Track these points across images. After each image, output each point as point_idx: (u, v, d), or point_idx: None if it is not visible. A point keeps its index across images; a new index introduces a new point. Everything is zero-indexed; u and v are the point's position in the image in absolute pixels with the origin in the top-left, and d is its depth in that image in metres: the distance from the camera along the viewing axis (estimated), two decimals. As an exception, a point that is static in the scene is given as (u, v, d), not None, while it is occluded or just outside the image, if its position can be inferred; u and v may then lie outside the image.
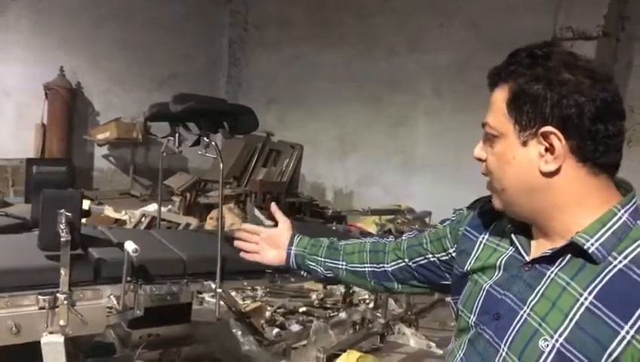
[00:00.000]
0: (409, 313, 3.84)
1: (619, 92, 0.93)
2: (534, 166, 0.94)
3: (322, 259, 1.43)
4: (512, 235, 1.05)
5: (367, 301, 4.20)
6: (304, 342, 3.37)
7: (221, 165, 2.14)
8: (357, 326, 3.61)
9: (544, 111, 0.91)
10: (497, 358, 0.98)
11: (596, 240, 0.91)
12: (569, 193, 0.94)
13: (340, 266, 1.41)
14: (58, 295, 1.85)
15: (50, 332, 1.86)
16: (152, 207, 5.97)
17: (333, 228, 3.90)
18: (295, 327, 3.76)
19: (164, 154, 2.69)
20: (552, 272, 0.95)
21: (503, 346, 0.98)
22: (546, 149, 0.93)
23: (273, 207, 1.55)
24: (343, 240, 1.46)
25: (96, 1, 7.91)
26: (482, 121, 1.01)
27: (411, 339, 3.70)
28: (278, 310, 4.13)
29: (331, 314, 4.08)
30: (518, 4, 5.28)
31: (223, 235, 2.21)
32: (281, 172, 7.99)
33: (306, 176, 8.10)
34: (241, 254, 1.54)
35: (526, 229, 1.04)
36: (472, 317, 1.07)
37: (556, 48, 0.96)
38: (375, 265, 1.36)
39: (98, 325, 1.97)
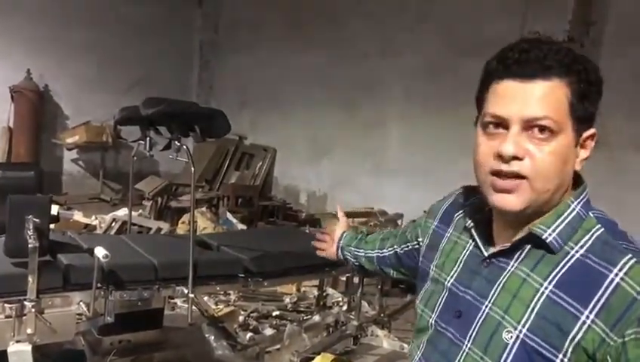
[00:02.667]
0: (382, 315, 3.86)
1: None
2: (574, 165, 0.96)
3: (353, 248, 1.53)
4: (472, 230, 1.06)
5: (341, 303, 4.21)
6: (278, 346, 3.35)
7: (192, 169, 2.13)
8: (330, 329, 3.61)
9: (594, 116, 0.94)
10: (461, 355, 0.99)
11: (553, 231, 0.94)
12: (566, 184, 0.96)
13: (361, 253, 1.50)
14: (25, 303, 1.82)
15: (18, 341, 1.82)
16: (123, 212, 5.88)
17: (307, 230, 3.90)
18: (268, 331, 3.74)
19: (135, 158, 2.66)
20: (511, 266, 0.97)
21: (466, 342, 0.99)
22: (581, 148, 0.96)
23: (340, 209, 1.68)
24: (375, 233, 1.55)
25: (64, 2, 7.77)
26: (524, 113, 0.91)
27: (384, 341, 3.72)
28: (251, 314, 4.11)
29: (305, 318, 4.07)
30: (487, 8, 5.36)
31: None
32: (254, 175, 7.96)
33: (279, 180, 8.09)
34: (317, 252, 1.66)
35: (486, 223, 1.05)
36: (432, 316, 1.08)
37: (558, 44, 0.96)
38: (379, 251, 1.44)
39: (67, 332, 1.94)
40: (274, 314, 4.18)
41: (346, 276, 3.61)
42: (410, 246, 1.31)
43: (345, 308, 3.88)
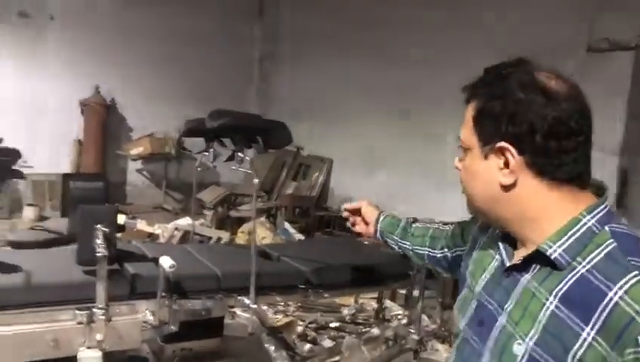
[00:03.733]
0: (442, 329, 3.78)
1: (578, 109, 0.96)
2: (495, 178, 0.99)
3: (397, 238, 1.61)
4: (499, 242, 1.09)
5: (400, 317, 4.15)
6: (336, 358, 3.33)
7: (256, 180, 2.15)
8: (390, 343, 3.56)
9: (500, 128, 0.97)
10: None
11: (559, 247, 0.94)
12: (530, 205, 0.98)
13: (408, 246, 1.58)
14: (95, 310, 1.87)
15: (88, 347, 1.88)
16: (184, 221, 6.03)
17: (365, 242, 3.87)
18: (327, 343, 3.73)
19: (199, 169, 2.71)
20: (525, 279, 0.99)
21: (485, 352, 1.03)
22: (504, 163, 0.98)
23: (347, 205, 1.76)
24: (417, 223, 1.61)
25: (130, 18, 8.05)
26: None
27: (445, 355, 3.63)
28: (309, 325, 4.10)
29: (363, 330, 4.03)
30: (551, 14, 5.19)
31: (256, 249, 2.21)
32: (310, 186, 7.99)
33: (335, 190, 8.08)
34: (355, 228, 1.74)
35: (511, 236, 1.07)
36: (462, 322, 1.13)
37: (523, 67, 1.01)
38: (430, 250, 1.49)
39: (134, 340, 1.98)
40: (332, 325, 4.16)
41: (405, 289, 3.55)
42: (458, 252, 1.36)
43: (404, 321, 3.82)
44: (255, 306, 2.14)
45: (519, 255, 1.02)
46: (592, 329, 0.87)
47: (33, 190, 7.16)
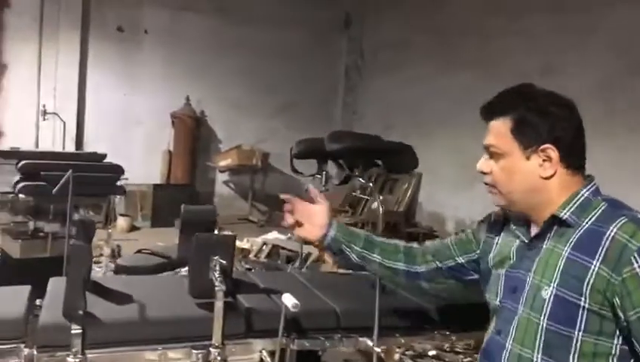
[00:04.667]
0: None
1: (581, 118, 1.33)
2: (536, 173, 1.31)
3: (359, 249, 1.63)
4: (516, 230, 1.41)
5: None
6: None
7: (380, 208, 1.94)
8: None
9: (542, 134, 1.29)
10: (517, 317, 1.32)
11: (567, 210, 1.29)
12: (556, 188, 1.31)
13: (375, 259, 1.64)
14: (211, 349, 1.73)
15: (202, 389, 1.73)
16: (272, 235, 5.94)
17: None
18: (428, 373, 3.46)
19: (306, 190, 2.54)
20: (544, 244, 1.32)
21: (519, 307, 1.33)
22: (544, 160, 1.30)
23: (312, 190, 1.69)
24: (378, 238, 1.68)
25: (220, 32, 8.17)
26: (484, 143, 1.37)
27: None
28: (406, 352, 3.86)
29: (463, 360, 3.75)
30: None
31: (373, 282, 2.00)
32: (397, 201, 7.72)
33: (424, 205, 7.77)
34: (282, 223, 1.65)
35: (525, 223, 1.40)
36: (497, 298, 1.41)
37: (535, 88, 1.35)
38: (408, 266, 1.64)
39: (248, 381, 1.82)
40: (430, 353, 3.90)
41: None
42: (471, 257, 1.58)
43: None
44: (379, 350, 1.93)
45: (534, 230, 1.36)
46: (597, 261, 1.20)
47: (126, 200, 7.32)
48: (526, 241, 1.36)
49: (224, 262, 1.75)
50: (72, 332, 1.57)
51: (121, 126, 7.76)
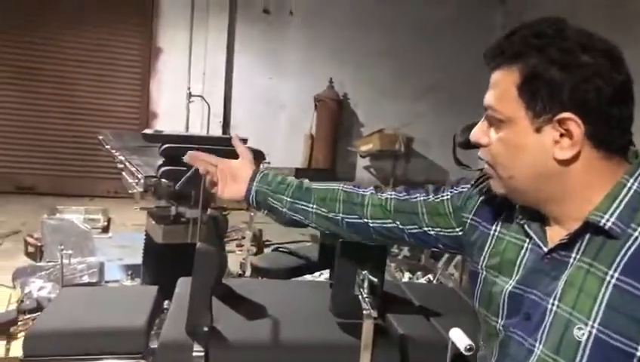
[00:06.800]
0: None
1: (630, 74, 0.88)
2: (549, 153, 0.90)
3: (289, 200, 1.30)
4: (525, 226, 0.98)
5: None
6: None
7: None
8: None
9: (561, 97, 0.87)
10: (532, 358, 0.92)
11: (611, 215, 0.87)
12: (582, 177, 0.90)
13: (310, 209, 1.29)
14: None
15: None
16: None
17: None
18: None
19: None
20: (572, 258, 0.90)
21: (537, 344, 0.92)
22: (561, 135, 0.88)
23: (235, 139, 1.41)
24: (314, 183, 1.33)
25: (364, 11, 7.85)
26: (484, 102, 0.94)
27: None
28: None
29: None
30: None
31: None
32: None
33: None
34: (216, 190, 1.36)
35: (538, 217, 0.97)
36: (499, 321, 1.01)
37: (567, 25, 0.91)
38: (350, 216, 1.26)
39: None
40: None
41: None
42: (451, 233, 1.15)
43: None
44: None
45: (555, 235, 0.94)
46: None
47: (268, 183, 7.34)
48: (544, 250, 0.94)
49: (375, 279, 1.41)
50: (194, 354, 1.32)
51: (265, 109, 7.78)
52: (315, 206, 1.28)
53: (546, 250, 0.94)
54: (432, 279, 4.25)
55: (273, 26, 7.72)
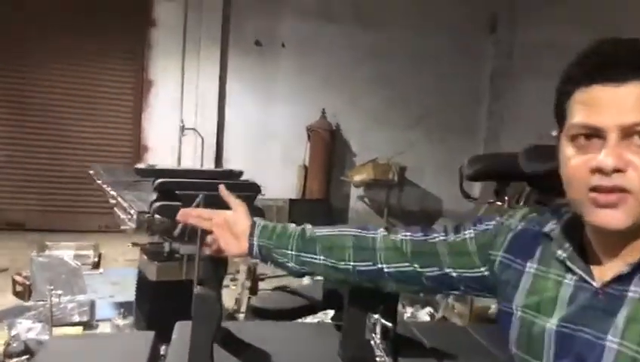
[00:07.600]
0: None
1: None
2: None
3: (294, 253, 1.23)
4: (567, 262, 0.91)
5: None
6: None
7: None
8: None
9: None
10: None
11: None
12: None
13: (317, 261, 1.21)
14: None
15: None
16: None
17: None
18: None
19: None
20: (632, 292, 0.83)
21: None
22: None
23: (222, 190, 1.30)
24: (316, 229, 1.25)
25: (356, 41, 7.88)
26: (623, 121, 0.80)
27: None
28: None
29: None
30: None
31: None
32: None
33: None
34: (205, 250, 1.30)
35: (579, 250, 0.91)
36: None
37: None
38: (363, 264, 1.17)
39: None
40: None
41: None
42: (475, 274, 1.07)
43: None
44: None
45: (604, 271, 0.87)
46: None
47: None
48: (594, 285, 0.87)
49: (388, 324, 1.32)
50: (196, 411, 1.22)
51: (258, 140, 7.72)
52: (322, 257, 1.20)
53: (595, 284, 0.88)
54: (433, 312, 4.15)
55: (265, 58, 7.72)
